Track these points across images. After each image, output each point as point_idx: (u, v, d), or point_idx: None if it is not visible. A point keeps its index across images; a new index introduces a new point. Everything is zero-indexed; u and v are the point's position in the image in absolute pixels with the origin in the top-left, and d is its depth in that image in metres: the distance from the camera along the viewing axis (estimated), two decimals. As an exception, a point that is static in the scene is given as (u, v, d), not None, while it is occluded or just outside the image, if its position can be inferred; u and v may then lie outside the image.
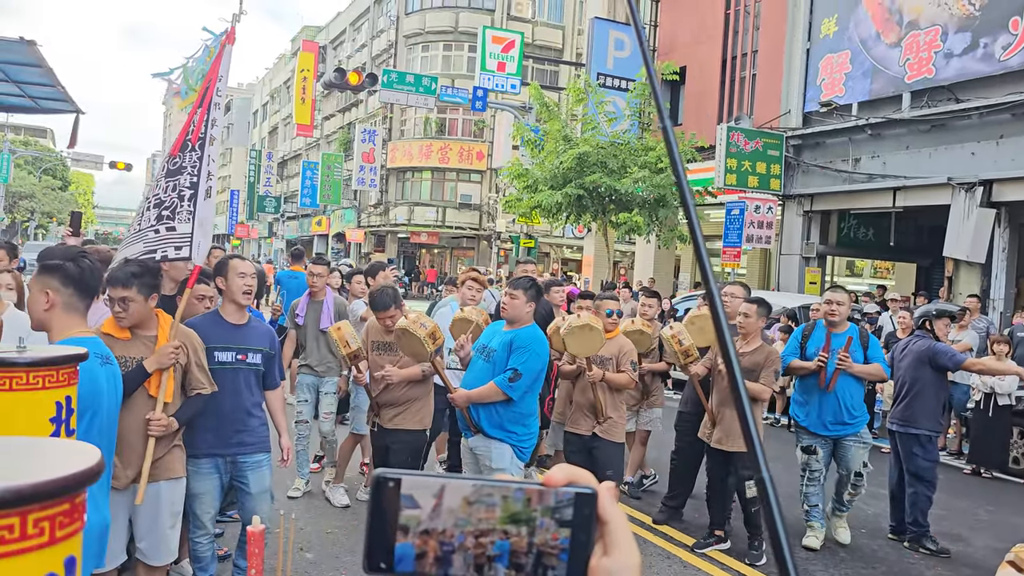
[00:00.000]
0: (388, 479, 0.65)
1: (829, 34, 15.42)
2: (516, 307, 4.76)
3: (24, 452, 1.11)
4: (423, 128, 36.64)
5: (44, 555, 0.95)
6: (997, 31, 12.21)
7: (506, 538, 0.64)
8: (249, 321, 4.26)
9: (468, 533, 0.65)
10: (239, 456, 4.12)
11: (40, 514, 0.93)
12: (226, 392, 4.03)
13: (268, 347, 4.26)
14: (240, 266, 4.21)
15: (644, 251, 20.88)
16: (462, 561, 0.65)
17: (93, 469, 0.94)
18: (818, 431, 5.92)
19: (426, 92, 22.29)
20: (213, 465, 4.10)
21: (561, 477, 0.67)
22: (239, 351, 4.11)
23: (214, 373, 3.97)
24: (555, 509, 0.65)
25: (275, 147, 57.19)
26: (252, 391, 4.18)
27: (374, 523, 0.65)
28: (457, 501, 0.65)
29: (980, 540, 6.39)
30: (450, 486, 0.65)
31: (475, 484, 0.66)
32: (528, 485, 0.66)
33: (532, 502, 0.65)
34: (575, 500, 0.66)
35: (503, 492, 0.65)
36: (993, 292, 12.59)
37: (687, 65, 18.57)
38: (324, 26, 50.53)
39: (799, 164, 16.10)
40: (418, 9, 37.07)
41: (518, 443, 4.80)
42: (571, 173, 15.35)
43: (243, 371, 4.12)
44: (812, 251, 16.14)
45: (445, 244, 38.28)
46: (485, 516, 0.65)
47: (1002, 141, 12.36)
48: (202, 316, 4.27)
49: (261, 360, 4.20)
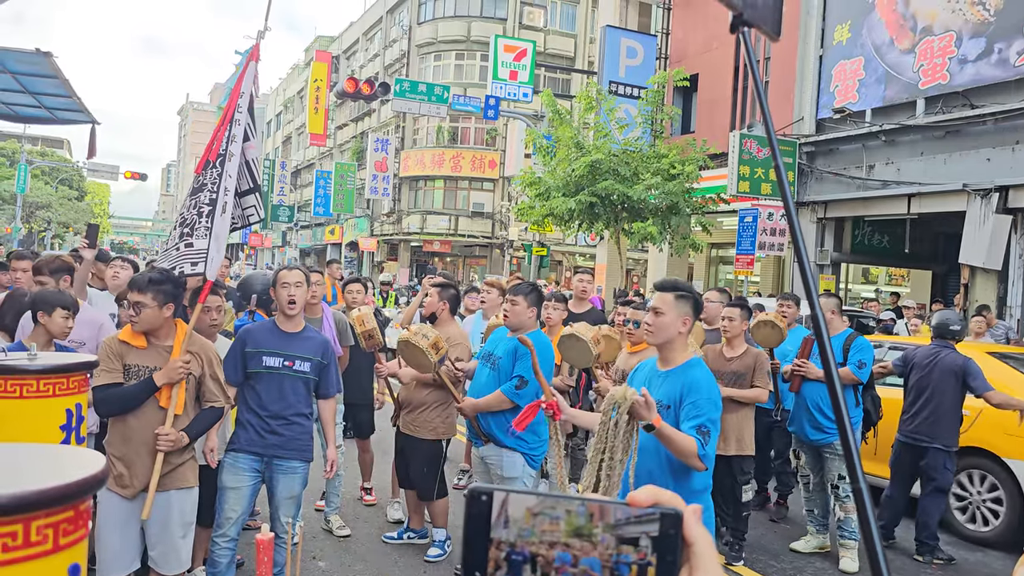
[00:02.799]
0: (481, 493, 0.69)
1: (842, 40, 15.36)
2: (517, 313, 4.72)
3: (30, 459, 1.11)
4: (435, 137, 36.73)
5: (48, 563, 0.94)
6: (1012, 36, 12.12)
7: (567, 550, 0.67)
8: (303, 330, 4.35)
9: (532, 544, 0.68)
10: (275, 459, 4.20)
11: (44, 521, 0.92)
12: (272, 395, 4.17)
13: (320, 357, 4.33)
14: (284, 277, 4.31)
15: (657, 259, 20.80)
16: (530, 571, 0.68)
17: (97, 476, 0.93)
18: (801, 436, 5.99)
19: (438, 101, 22.33)
20: (249, 462, 4.18)
21: (646, 497, 0.68)
22: (287, 358, 4.21)
23: (260, 376, 4.16)
24: (616, 526, 0.67)
25: (289, 156, 57.47)
26: (299, 398, 4.25)
27: (468, 534, 0.69)
28: (521, 512, 0.68)
29: (994, 551, 6.33)
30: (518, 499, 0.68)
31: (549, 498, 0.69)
32: (597, 501, 0.68)
33: (594, 518, 0.67)
34: (660, 520, 0.67)
35: (566, 506, 0.68)
36: (1010, 299, 12.47)
37: (699, 72, 18.53)
38: (337, 36, 50.81)
39: (812, 171, 16.02)
40: (430, 19, 37.22)
41: (529, 451, 4.78)
42: (583, 180, 15.32)
43: (289, 377, 4.21)
44: (826, 258, 16.04)
45: (458, 252, 38.31)
46: (549, 528, 0.68)
47: (1018, 147, 12.26)
48: (260, 322, 4.47)
49: (310, 369, 4.27)
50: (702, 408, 3.09)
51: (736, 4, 1.03)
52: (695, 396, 3.12)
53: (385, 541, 5.64)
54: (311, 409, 4.38)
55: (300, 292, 4.27)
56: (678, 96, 18.97)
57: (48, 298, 4.01)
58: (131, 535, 3.60)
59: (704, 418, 3.06)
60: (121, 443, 3.58)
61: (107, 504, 3.56)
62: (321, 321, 5.65)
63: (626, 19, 22.33)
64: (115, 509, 3.57)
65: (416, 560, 5.38)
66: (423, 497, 5.44)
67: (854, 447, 0.75)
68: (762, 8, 1.07)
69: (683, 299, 3.31)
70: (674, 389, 3.20)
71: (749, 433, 5.64)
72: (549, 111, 17.20)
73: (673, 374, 3.27)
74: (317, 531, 5.76)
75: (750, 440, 5.64)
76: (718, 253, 21.41)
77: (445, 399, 5.17)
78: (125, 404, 3.53)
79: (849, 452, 0.73)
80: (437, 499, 5.37)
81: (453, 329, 5.47)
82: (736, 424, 5.57)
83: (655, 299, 3.37)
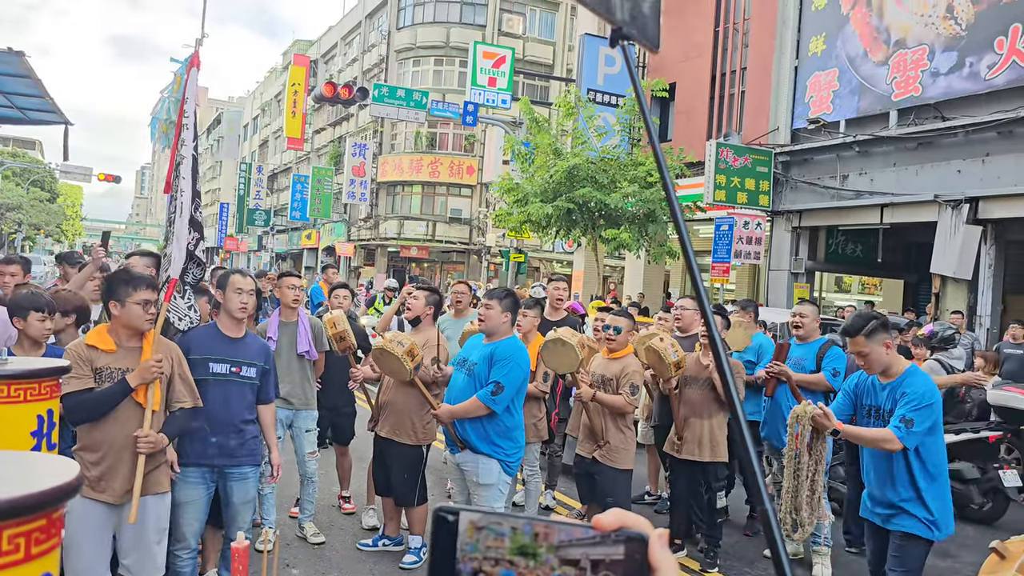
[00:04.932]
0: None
1: (817, 52, 15.55)
2: (492, 318, 4.72)
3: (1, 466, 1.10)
4: (414, 142, 36.68)
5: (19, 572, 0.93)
6: (983, 50, 12.34)
7: (511, 568, 0.66)
8: (245, 336, 4.36)
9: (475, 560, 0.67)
10: (226, 467, 4.18)
11: (15, 530, 0.91)
12: (218, 403, 4.12)
13: (263, 362, 4.34)
14: (238, 282, 4.29)
15: (634, 266, 20.91)
16: None
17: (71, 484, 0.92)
18: (774, 442, 5.99)
19: (417, 106, 22.33)
20: (200, 475, 4.14)
21: (611, 521, 0.68)
22: (233, 363, 4.19)
23: (207, 383, 4.08)
24: (559, 547, 0.66)
25: (265, 160, 57.10)
26: (244, 403, 4.25)
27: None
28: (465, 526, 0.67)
29: (967, 556, 6.39)
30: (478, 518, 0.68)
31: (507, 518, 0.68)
32: (553, 523, 0.67)
33: (539, 537, 0.67)
34: (625, 543, 0.67)
35: (512, 524, 0.67)
36: (980, 308, 12.67)
37: (677, 81, 18.67)
38: (315, 40, 50.61)
39: (787, 180, 16.19)
40: (410, 24, 37.18)
41: (505, 458, 4.76)
42: (561, 187, 15.38)
43: (236, 383, 4.20)
44: (801, 267, 16.20)
45: (435, 258, 38.24)
46: (493, 544, 0.67)
47: (988, 159, 12.47)
48: (201, 327, 4.35)
49: (256, 374, 4.28)
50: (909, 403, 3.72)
51: (616, 18, 1.06)
52: (906, 396, 3.75)
53: (360, 548, 5.61)
54: (255, 414, 4.36)
55: (252, 301, 4.30)
56: (656, 105, 19.10)
57: (21, 302, 3.93)
58: (105, 542, 3.55)
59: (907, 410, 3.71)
60: (97, 447, 3.52)
61: (81, 511, 3.50)
62: (297, 325, 5.57)
63: (604, 27, 22.36)
64: (90, 516, 3.51)
65: (391, 568, 5.34)
66: (403, 503, 5.41)
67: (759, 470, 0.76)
68: (640, 21, 1.11)
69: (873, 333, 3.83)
70: (892, 395, 3.83)
71: (722, 440, 5.67)
72: (527, 118, 17.25)
73: (892, 385, 3.88)
74: (292, 538, 5.72)
75: (723, 447, 5.67)
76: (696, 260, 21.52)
77: (426, 403, 5.14)
78: (100, 408, 3.48)
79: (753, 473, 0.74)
80: (417, 505, 5.34)
81: (433, 333, 5.45)
82: (710, 431, 5.61)
83: (851, 344, 3.91)
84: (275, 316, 6.00)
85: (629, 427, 5.45)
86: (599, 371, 5.44)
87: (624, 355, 5.45)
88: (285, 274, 6.27)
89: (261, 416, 4.41)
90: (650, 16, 1.23)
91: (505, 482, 4.82)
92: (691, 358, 5.73)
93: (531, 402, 5.78)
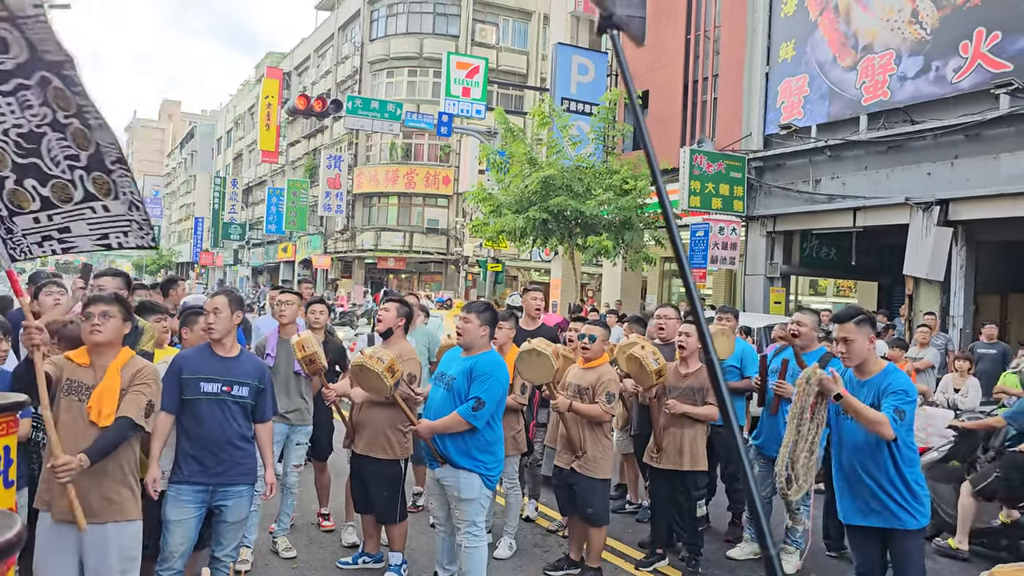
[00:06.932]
0: None
1: (787, 58, 15.70)
2: (470, 332, 4.68)
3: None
4: (389, 153, 36.62)
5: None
6: (948, 54, 12.51)
7: None
8: (240, 355, 4.34)
9: None
10: (220, 486, 4.17)
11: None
12: (211, 422, 4.13)
13: (257, 381, 4.32)
14: (206, 303, 4.35)
15: (611, 273, 20.97)
16: None
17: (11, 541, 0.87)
18: (763, 451, 5.98)
19: (391, 118, 22.31)
20: (193, 494, 4.12)
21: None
22: (225, 383, 4.18)
23: (199, 403, 4.11)
24: None
25: (240, 174, 56.77)
26: (238, 422, 4.23)
27: None
28: None
29: (943, 561, 6.44)
30: None
31: None
32: None
33: None
34: None
35: None
36: (952, 309, 12.80)
37: (650, 89, 18.79)
38: (288, 53, 50.44)
39: (761, 186, 16.32)
40: (383, 35, 37.16)
41: (486, 472, 4.73)
42: (536, 196, 15.41)
43: (228, 402, 4.19)
44: (776, 271, 16.32)
45: (413, 269, 38.15)
46: None
47: (957, 161, 12.63)
48: (195, 347, 4.39)
49: (248, 393, 4.26)
50: (899, 396, 3.84)
51: (606, 3, 1.07)
52: (893, 390, 3.88)
53: (340, 567, 5.56)
54: (252, 431, 4.33)
55: (218, 320, 4.20)
56: (629, 113, 19.19)
57: None
58: (69, 566, 3.50)
59: (899, 403, 3.83)
60: (44, 467, 3.53)
61: (46, 531, 3.51)
62: None
63: (577, 36, 22.56)
64: (54, 536, 3.51)
65: (372, 585, 5.30)
66: (384, 520, 5.36)
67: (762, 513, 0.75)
68: (628, 12, 1.11)
69: (863, 323, 3.99)
70: (872, 392, 3.95)
71: (702, 449, 5.68)
72: (502, 127, 17.28)
73: (871, 382, 4.00)
74: (271, 558, 5.65)
75: (703, 456, 5.68)
76: (671, 267, 21.64)
77: (402, 417, 5.09)
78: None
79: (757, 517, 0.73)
80: (399, 521, 5.30)
81: (405, 346, 5.42)
82: (689, 440, 5.61)
83: (838, 329, 4.01)
84: (274, 333, 6.04)
85: (607, 436, 5.48)
86: (575, 381, 5.44)
87: (600, 364, 5.46)
88: (282, 289, 6.21)
89: (258, 435, 4.38)
90: (637, 12, 1.24)
91: (486, 496, 4.79)
92: (671, 367, 5.74)
93: (510, 415, 5.76)
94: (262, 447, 4.41)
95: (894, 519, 3.92)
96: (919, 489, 3.95)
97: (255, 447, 4.36)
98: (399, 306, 5.51)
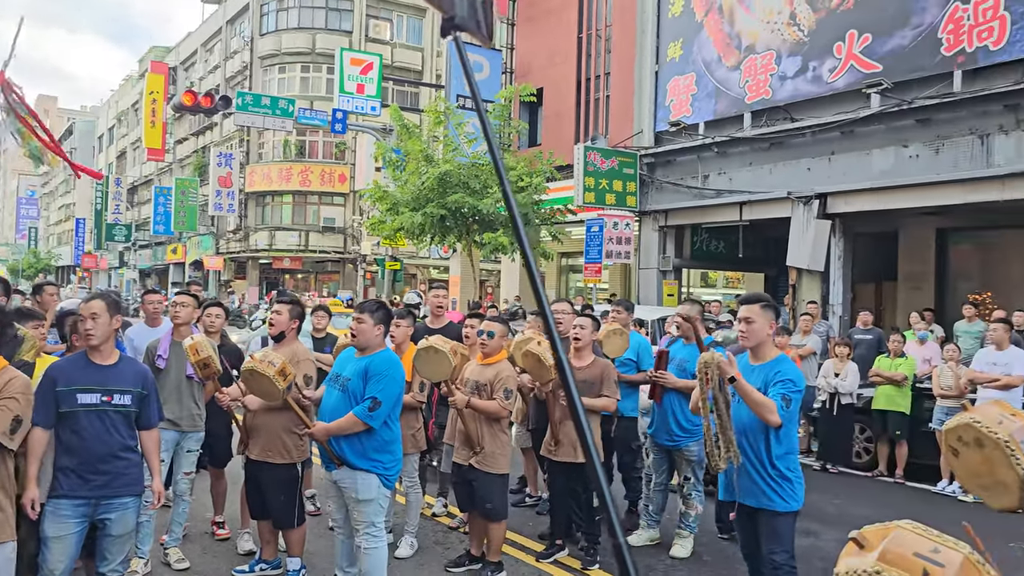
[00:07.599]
0: None
1: (676, 57, 16.16)
2: (364, 332, 4.63)
3: None
4: (282, 151, 35.78)
5: None
6: (824, 55, 13.15)
7: None
8: (119, 361, 4.10)
9: None
10: (104, 499, 3.96)
11: None
12: (91, 434, 3.91)
13: (140, 387, 4.10)
14: (81, 308, 4.07)
15: (509, 269, 21.11)
16: None
17: None
18: (657, 440, 6.24)
19: (283, 115, 21.79)
20: (74, 508, 3.90)
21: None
22: (104, 392, 3.96)
23: (78, 415, 3.87)
24: None
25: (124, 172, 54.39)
26: (120, 433, 4.02)
27: None
28: None
29: (830, 533, 6.76)
30: None
31: None
32: None
33: None
34: None
35: None
36: (832, 298, 13.47)
37: (544, 86, 18.99)
38: (174, 47, 48.63)
39: (653, 181, 16.75)
40: (273, 30, 36.25)
41: (384, 471, 4.70)
42: (433, 194, 15.37)
43: (110, 412, 3.97)
44: (668, 264, 16.80)
45: (309, 269, 37.41)
46: None
47: (834, 157, 13.29)
48: (68, 357, 4.15)
49: (131, 401, 4.05)
50: (787, 385, 4.01)
51: (447, 6, 1.08)
52: (782, 378, 4.05)
53: (236, 575, 5.42)
54: (136, 440, 4.15)
55: (97, 324, 3.96)
56: (524, 110, 19.36)
57: None
58: None
59: (787, 391, 3.99)
60: None
61: None
62: None
63: (471, 34, 22.55)
64: None
65: (269, 592, 5.19)
66: (282, 526, 5.25)
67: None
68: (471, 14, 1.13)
69: (767, 308, 4.22)
70: (762, 377, 4.10)
71: (597, 440, 5.81)
72: (397, 125, 17.16)
73: (763, 367, 4.17)
74: (163, 570, 5.46)
75: (598, 447, 5.81)
76: (568, 262, 21.98)
77: (296, 421, 4.99)
78: None
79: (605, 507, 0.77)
80: (297, 526, 5.20)
81: (299, 347, 5.32)
82: (585, 431, 5.72)
83: (744, 310, 4.22)
84: (167, 336, 5.77)
85: (504, 432, 5.51)
86: (473, 377, 5.46)
87: (498, 360, 5.50)
88: (180, 291, 5.96)
89: (143, 442, 4.18)
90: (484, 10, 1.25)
91: (385, 496, 4.75)
92: (566, 361, 5.82)
93: (408, 413, 5.75)
94: (148, 455, 4.23)
95: (765, 499, 4.11)
96: (791, 475, 4.14)
97: (140, 456, 4.18)
98: (292, 307, 5.40)
